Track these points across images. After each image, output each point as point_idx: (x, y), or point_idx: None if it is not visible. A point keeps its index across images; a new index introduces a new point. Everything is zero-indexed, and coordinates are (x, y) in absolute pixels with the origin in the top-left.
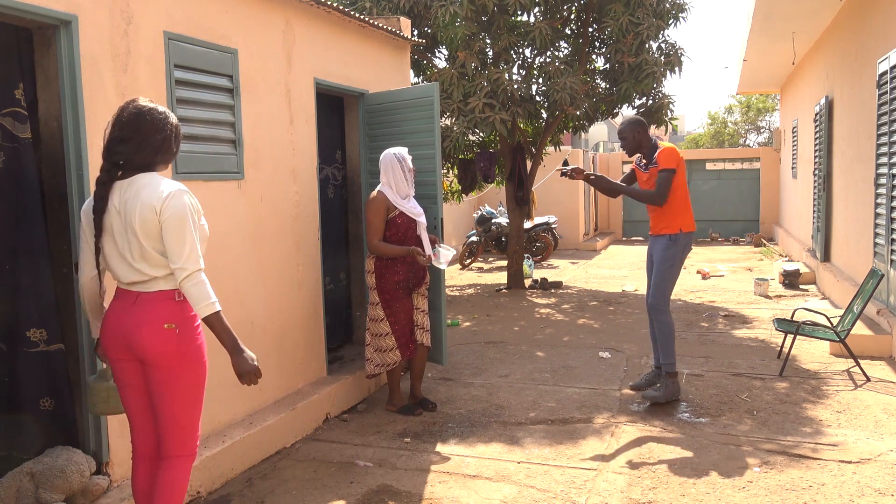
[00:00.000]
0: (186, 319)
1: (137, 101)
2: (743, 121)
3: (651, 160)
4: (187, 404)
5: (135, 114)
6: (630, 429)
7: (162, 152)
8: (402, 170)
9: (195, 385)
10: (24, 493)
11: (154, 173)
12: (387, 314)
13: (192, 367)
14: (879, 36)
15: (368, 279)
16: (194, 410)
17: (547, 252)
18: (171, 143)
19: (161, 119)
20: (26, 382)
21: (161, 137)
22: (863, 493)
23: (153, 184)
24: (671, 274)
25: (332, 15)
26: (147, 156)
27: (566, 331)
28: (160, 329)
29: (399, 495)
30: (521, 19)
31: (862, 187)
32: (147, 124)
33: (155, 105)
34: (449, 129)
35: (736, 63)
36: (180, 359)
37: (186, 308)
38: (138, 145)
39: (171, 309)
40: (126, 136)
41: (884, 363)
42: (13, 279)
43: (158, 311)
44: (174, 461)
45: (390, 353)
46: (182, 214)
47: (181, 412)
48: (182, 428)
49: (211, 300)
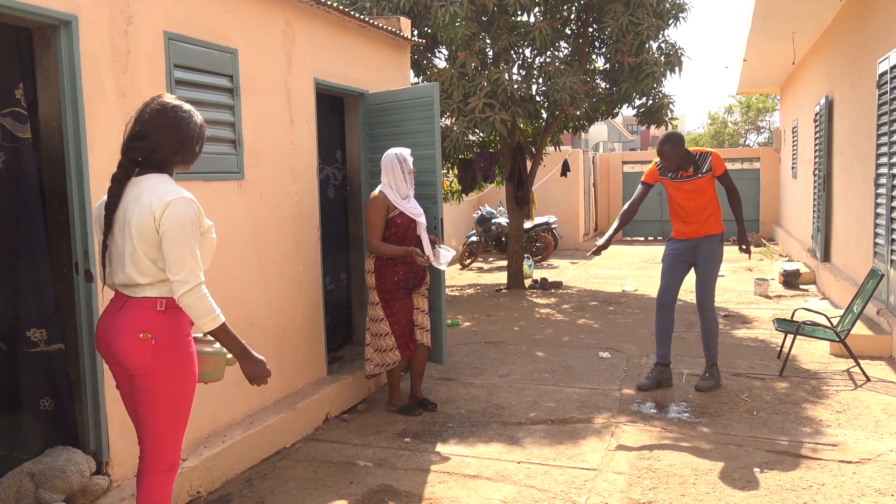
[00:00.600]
0: (165, 331)
1: (162, 98)
2: (743, 121)
3: (698, 169)
4: (164, 417)
5: (157, 110)
6: (630, 429)
7: (182, 152)
8: (402, 170)
9: (173, 399)
10: (24, 493)
11: (163, 175)
12: (386, 314)
13: (169, 381)
14: (879, 36)
15: (368, 279)
16: (173, 425)
17: (547, 252)
18: (192, 143)
19: (184, 117)
20: (26, 382)
21: (182, 137)
22: (863, 493)
23: (157, 188)
24: (718, 271)
25: (332, 15)
26: (166, 155)
27: (566, 331)
28: (136, 339)
29: (399, 495)
30: (521, 19)
31: (862, 187)
32: (169, 122)
33: (180, 103)
34: (449, 129)
35: (736, 63)
36: (155, 371)
37: (167, 319)
38: (157, 143)
39: (151, 319)
40: (146, 132)
41: (884, 363)
42: (13, 279)
43: (137, 320)
44: (152, 478)
45: (390, 353)
46: (182, 224)
47: (158, 425)
48: (160, 440)
49: (214, 314)
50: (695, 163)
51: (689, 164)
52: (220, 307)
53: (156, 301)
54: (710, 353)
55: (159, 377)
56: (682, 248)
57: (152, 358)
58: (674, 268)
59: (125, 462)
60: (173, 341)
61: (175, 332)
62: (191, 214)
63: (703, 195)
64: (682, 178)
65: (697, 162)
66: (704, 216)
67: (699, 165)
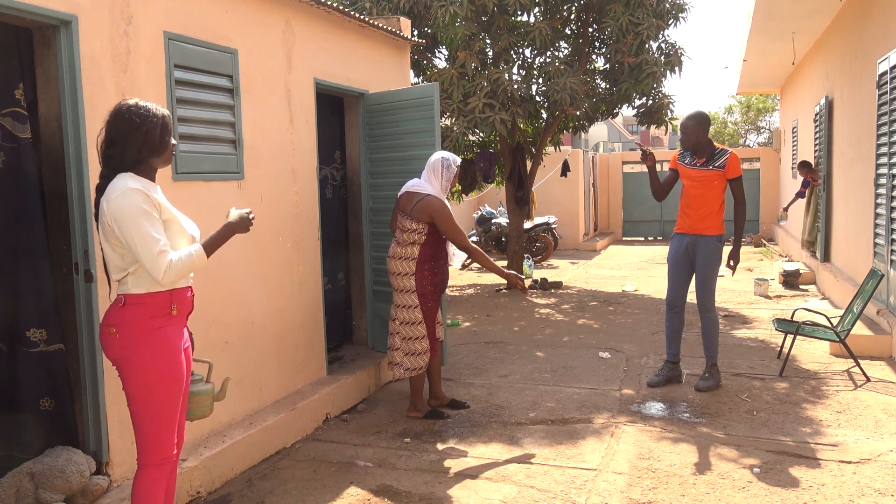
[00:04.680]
0: (128, 325)
1: (121, 102)
2: (743, 121)
3: (711, 160)
4: (140, 409)
5: (116, 114)
6: (630, 429)
7: (147, 147)
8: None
9: (146, 391)
10: (24, 493)
11: (125, 174)
12: (424, 316)
13: (139, 373)
14: (879, 36)
15: (403, 281)
16: (148, 420)
17: (547, 252)
18: (154, 136)
19: (140, 114)
20: (26, 382)
21: (143, 132)
22: (863, 493)
23: (111, 188)
24: (717, 272)
25: (331, 15)
26: (134, 153)
27: (566, 331)
28: (106, 333)
29: (399, 495)
30: (521, 19)
31: (862, 187)
32: (126, 123)
33: (137, 102)
34: (449, 129)
35: (736, 63)
36: (124, 363)
37: (129, 314)
38: (123, 145)
39: (114, 314)
40: (112, 138)
41: (884, 363)
42: (13, 279)
43: (107, 316)
44: (140, 469)
45: (422, 357)
46: (127, 214)
47: (135, 416)
48: (141, 434)
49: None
50: (711, 153)
51: (705, 153)
52: (220, 307)
53: (120, 297)
54: (710, 354)
55: (129, 369)
56: (681, 248)
57: (120, 350)
58: (676, 270)
59: (125, 462)
60: (139, 335)
61: (140, 327)
62: (133, 202)
63: (707, 189)
64: (694, 164)
65: (714, 154)
66: (702, 212)
67: (714, 158)
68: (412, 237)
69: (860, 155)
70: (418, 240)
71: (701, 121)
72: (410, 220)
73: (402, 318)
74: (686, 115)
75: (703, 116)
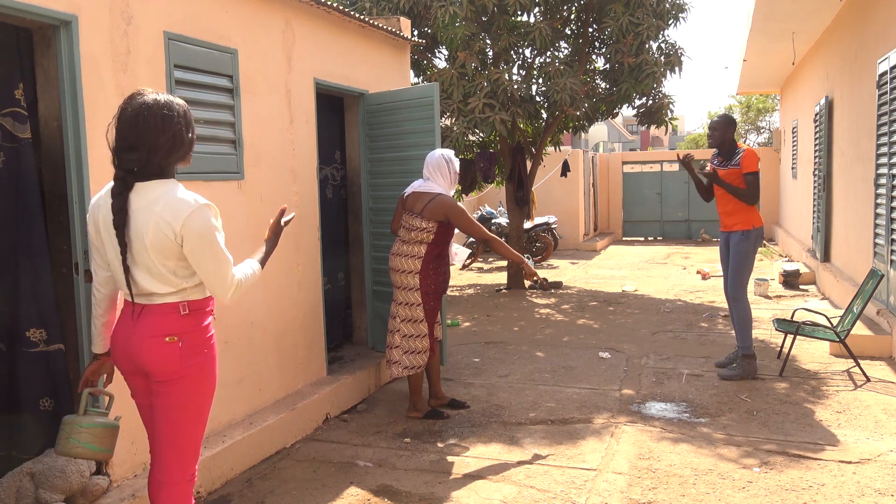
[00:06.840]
0: (191, 333)
1: (137, 99)
2: (743, 121)
3: (731, 159)
4: (189, 425)
5: (135, 116)
6: (630, 429)
7: (175, 150)
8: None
9: (199, 404)
10: (24, 493)
11: (170, 181)
12: (426, 315)
13: (197, 384)
14: (879, 36)
15: (406, 279)
16: (196, 432)
17: (547, 252)
18: (182, 137)
19: (165, 115)
20: (26, 382)
21: (171, 135)
22: (863, 493)
23: (168, 198)
24: (746, 265)
25: (331, 15)
26: (161, 159)
27: (566, 331)
28: (162, 343)
29: (399, 495)
30: (521, 19)
31: (862, 187)
32: (150, 128)
33: (156, 98)
34: (449, 129)
35: (736, 63)
36: (183, 375)
37: (192, 321)
38: (148, 152)
39: (175, 322)
40: (133, 143)
41: (884, 363)
42: (13, 279)
43: (161, 324)
44: (173, 488)
45: (422, 355)
46: (206, 235)
47: (181, 433)
48: (181, 450)
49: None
50: (731, 152)
51: (727, 152)
52: (220, 307)
53: (178, 305)
54: (739, 342)
55: (186, 381)
56: (723, 245)
57: (180, 361)
58: (724, 265)
59: (125, 462)
60: (200, 343)
61: (201, 335)
62: (208, 221)
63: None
64: (718, 163)
65: (733, 153)
66: (728, 209)
67: (732, 156)
68: (420, 236)
69: (860, 155)
70: (426, 238)
71: (727, 121)
72: (421, 220)
73: (403, 316)
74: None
75: (730, 118)
